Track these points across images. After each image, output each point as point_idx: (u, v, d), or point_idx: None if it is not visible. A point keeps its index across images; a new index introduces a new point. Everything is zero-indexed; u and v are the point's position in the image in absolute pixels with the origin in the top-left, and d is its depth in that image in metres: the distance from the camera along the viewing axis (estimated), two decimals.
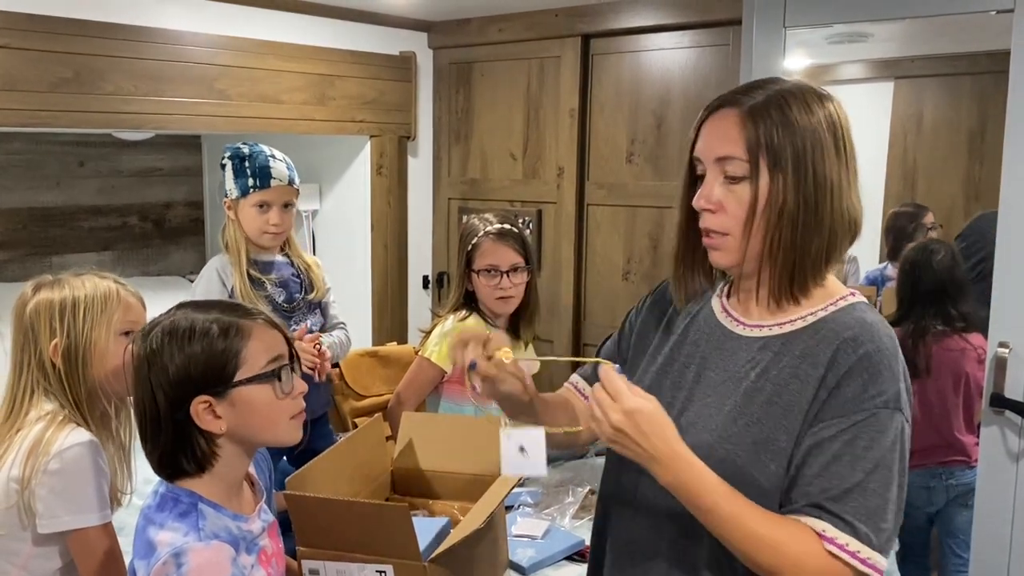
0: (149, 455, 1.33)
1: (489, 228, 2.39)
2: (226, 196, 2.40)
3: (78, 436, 1.57)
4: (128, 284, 1.75)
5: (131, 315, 1.70)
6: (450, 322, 2.42)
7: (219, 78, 2.93)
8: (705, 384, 1.25)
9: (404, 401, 2.42)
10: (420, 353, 2.45)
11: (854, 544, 1.10)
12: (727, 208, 1.18)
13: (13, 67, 2.46)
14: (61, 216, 3.64)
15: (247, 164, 2.34)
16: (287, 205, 2.40)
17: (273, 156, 2.39)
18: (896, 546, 2.65)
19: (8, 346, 3.21)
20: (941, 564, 2.92)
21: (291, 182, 2.41)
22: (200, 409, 1.28)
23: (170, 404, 1.28)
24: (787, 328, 1.22)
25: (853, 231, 1.20)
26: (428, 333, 2.49)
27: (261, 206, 2.35)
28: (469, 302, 2.44)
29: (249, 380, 1.30)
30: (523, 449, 1.24)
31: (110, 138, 3.65)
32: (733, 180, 1.18)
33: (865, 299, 1.23)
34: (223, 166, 2.40)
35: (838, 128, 1.18)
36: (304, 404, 1.38)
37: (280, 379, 1.33)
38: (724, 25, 2.95)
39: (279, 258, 2.48)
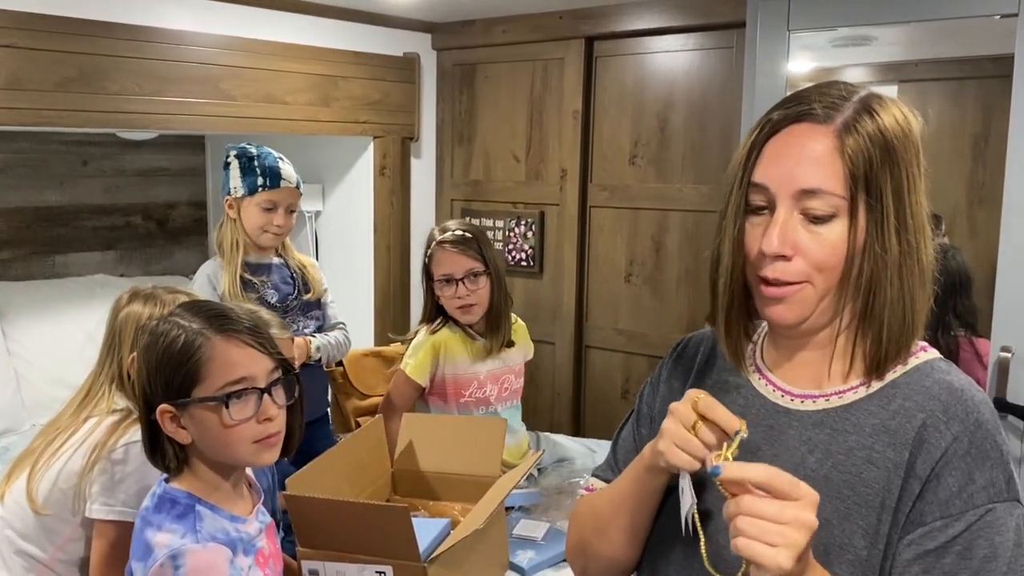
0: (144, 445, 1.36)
1: (443, 237, 2.37)
2: (228, 193, 2.39)
3: None
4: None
5: None
6: (422, 334, 2.41)
7: (223, 78, 2.94)
8: None
9: (393, 406, 2.40)
10: (399, 365, 2.43)
11: None
12: (806, 253, 0.94)
13: (18, 66, 2.47)
14: (65, 215, 3.65)
15: (256, 163, 2.35)
16: (291, 210, 2.40)
17: (281, 159, 2.40)
18: None
19: (11, 346, 3.23)
20: None
21: (298, 186, 2.41)
22: (164, 417, 1.29)
23: (145, 403, 1.31)
24: (848, 398, 0.98)
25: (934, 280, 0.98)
26: (407, 344, 2.47)
27: (268, 207, 2.35)
28: (442, 313, 2.42)
29: (201, 400, 1.27)
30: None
31: (114, 138, 3.66)
32: (817, 220, 0.93)
33: (939, 354, 1.00)
34: (227, 164, 2.40)
35: (920, 152, 0.95)
36: (275, 429, 1.31)
37: (227, 406, 1.26)
38: (728, 28, 2.95)
39: (274, 260, 2.48)
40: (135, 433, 1.59)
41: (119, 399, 1.69)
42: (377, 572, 1.57)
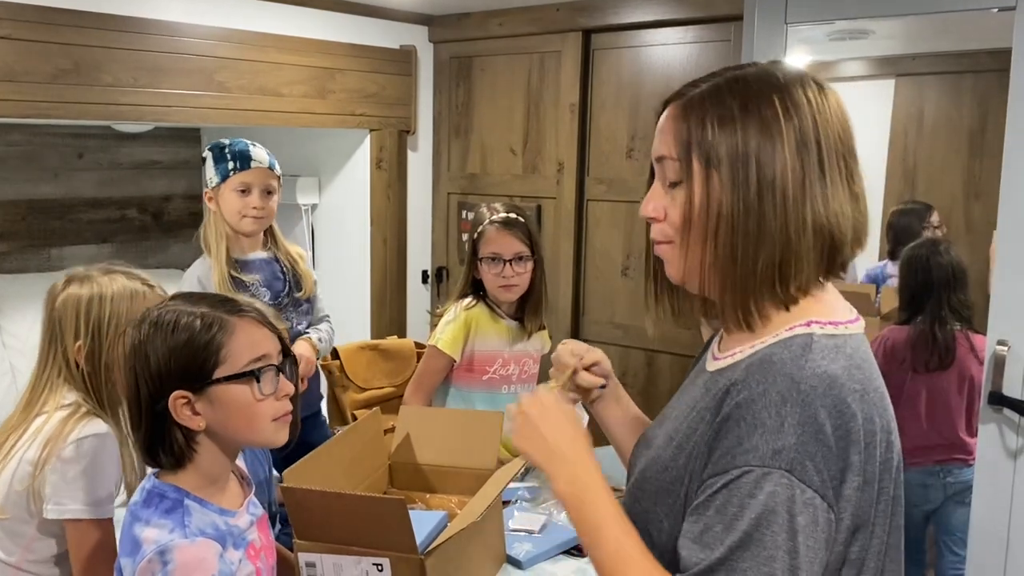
0: (133, 444, 1.34)
1: (494, 216, 2.40)
2: (207, 187, 2.38)
3: (96, 427, 1.58)
4: (157, 284, 1.73)
5: None
6: (455, 309, 2.43)
7: (219, 70, 2.93)
8: (664, 419, 1.13)
9: (420, 388, 2.43)
10: (429, 341, 2.46)
11: None
12: (669, 215, 1.03)
13: (12, 58, 2.46)
14: (60, 208, 3.64)
15: (226, 151, 2.34)
16: (269, 192, 2.38)
17: (253, 144, 2.38)
18: None
19: (7, 339, 3.22)
20: (937, 563, 2.92)
21: (272, 167, 2.39)
22: (178, 404, 1.27)
23: (151, 395, 1.28)
24: (727, 361, 1.04)
25: (830, 243, 0.98)
26: (437, 320, 2.50)
27: (242, 190, 2.33)
28: (477, 290, 2.45)
29: (228, 378, 1.27)
30: None
31: (109, 130, 3.65)
32: (672, 185, 1.02)
33: (833, 331, 0.99)
34: (203, 160, 2.40)
35: (808, 121, 0.97)
36: (291, 406, 1.34)
37: (259, 380, 1.29)
38: (725, 21, 2.95)
39: (262, 255, 2.45)
40: (84, 428, 1.56)
41: (67, 392, 1.63)
42: (374, 564, 1.57)
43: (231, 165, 2.32)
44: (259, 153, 2.36)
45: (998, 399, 2.26)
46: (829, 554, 0.92)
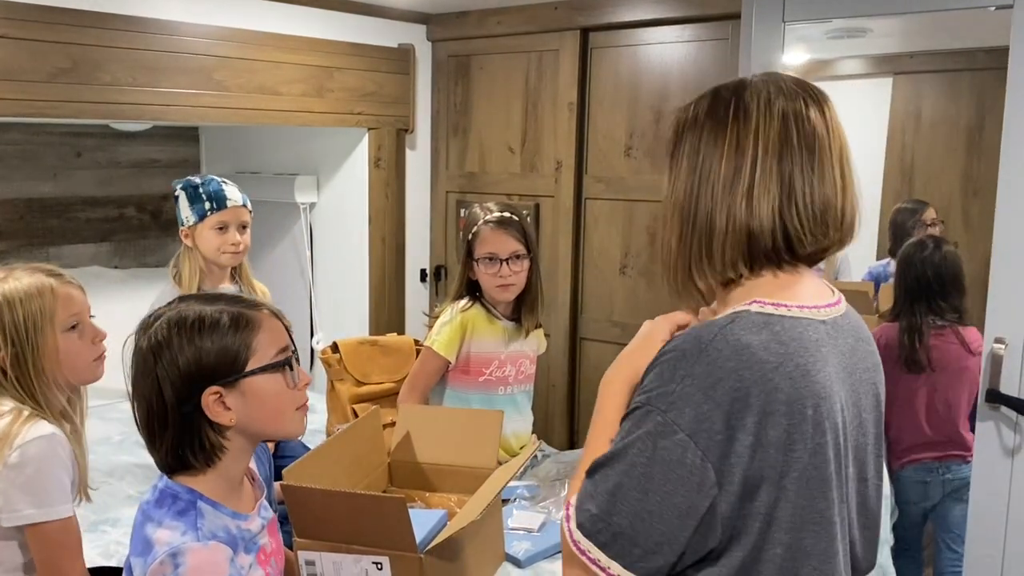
0: (154, 450, 1.32)
1: (489, 216, 2.40)
2: (182, 225, 2.44)
3: (40, 429, 1.56)
4: (64, 272, 1.70)
5: (73, 308, 1.66)
6: (451, 311, 2.43)
7: (217, 69, 2.93)
8: None
9: (414, 389, 2.43)
10: (424, 343, 2.47)
11: (571, 511, 1.10)
12: None
13: (10, 57, 2.45)
14: (58, 207, 3.63)
15: (201, 191, 2.42)
16: (244, 227, 2.46)
17: (225, 182, 2.46)
18: (891, 541, 2.66)
19: None
20: (935, 559, 2.93)
21: (245, 204, 2.46)
22: (211, 400, 1.27)
23: (178, 397, 1.27)
24: None
25: (747, 236, 1.09)
26: (433, 322, 2.51)
27: (220, 228, 2.40)
28: (472, 291, 2.45)
29: (262, 369, 1.31)
30: None
31: (108, 129, 3.64)
32: None
33: (772, 311, 1.08)
34: (176, 198, 2.46)
35: (742, 120, 1.10)
36: (307, 396, 1.39)
37: (291, 368, 1.34)
38: (723, 19, 2.95)
39: (228, 287, 2.51)
40: (28, 431, 1.54)
41: (3, 402, 1.59)
42: (373, 563, 1.57)
43: (207, 206, 2.41)
44: (232, 192, 2.45)
45: (995, 397, 2.26)
46: (704, 497, 1.02)
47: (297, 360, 1.37)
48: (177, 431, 1.29)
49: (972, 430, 2.73)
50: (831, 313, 1.13)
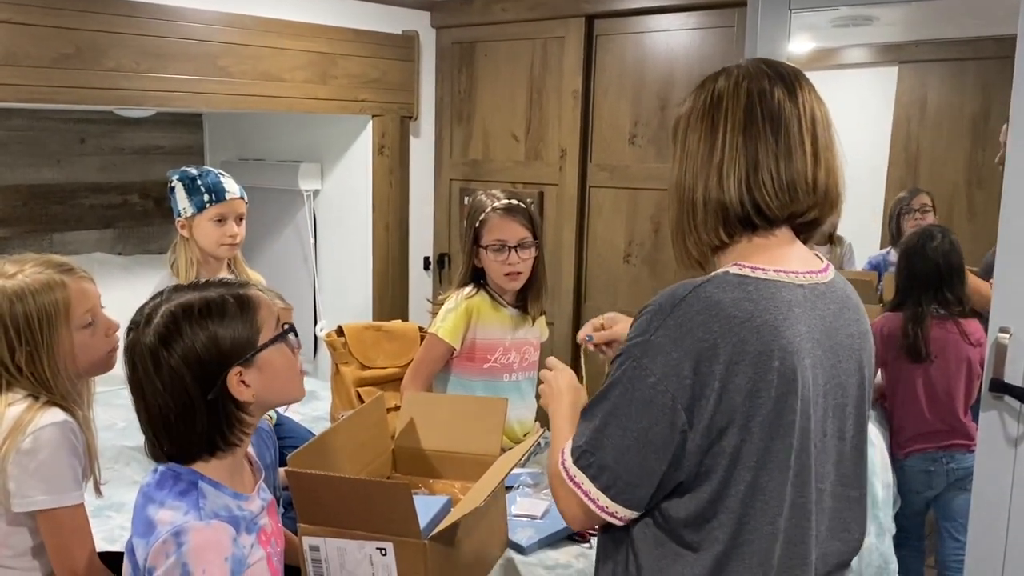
0: (176, 441, 1.31)
1: (497, 204, 2.39)
2: (179, 216, 2.44)
3: (53, 416, 1.57)
4: (74, 265, 1.68)
5: (88, 303, 1.66)
6: (456, 298, 2.43)
7: (221, 56, 2.92)
8: None
9: (418, 375, 2.43)
10: (429, 329, 2.46)
11: (566, 450, 1.24)
12: None
13: (14, 42, 2.45)
14: (62, 193, 3.64)
15: (199, 182, 2.42)
16: (240, 218, 2.46)
17: (222, 174, 2.46)
18: (893, 530, 2.67)
19: None
20: (938, 548, 2.94)
21: (242, 196, 2.47)
22: (235, 380, 1.30)
23: (200, 385, 1.28)
24: None
25: (722, 207, 1.22)
26: (438, 309, 2.50)
27: (219, 220, 2.40)
28: (477, 279, 2.45)
29: (272, 341, 1.35)
30: None
31: (111, 115, 3.64)
32: None
33: (749, 273, 1.20)
34: (172, 189, 2.46)
35: (716, 103, 1.23)
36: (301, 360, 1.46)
37: (296, 335, 1.41)
38: (729, 7, 2.94)
39: (226, 276, 2.51)
40: (41, 418, 1.55)
41: (16, 392, 1.59)
42: (378, 548, 1.58)
43: (206, 198, 2.41)
44: (230, 184, 2.46)
45: (999, 386, 2.26)
46: (675, 433, 1.14)
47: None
48: (207, 418, 1.29)
49: (975, 420, 2.74)
50: (813, 280, 1.23)
